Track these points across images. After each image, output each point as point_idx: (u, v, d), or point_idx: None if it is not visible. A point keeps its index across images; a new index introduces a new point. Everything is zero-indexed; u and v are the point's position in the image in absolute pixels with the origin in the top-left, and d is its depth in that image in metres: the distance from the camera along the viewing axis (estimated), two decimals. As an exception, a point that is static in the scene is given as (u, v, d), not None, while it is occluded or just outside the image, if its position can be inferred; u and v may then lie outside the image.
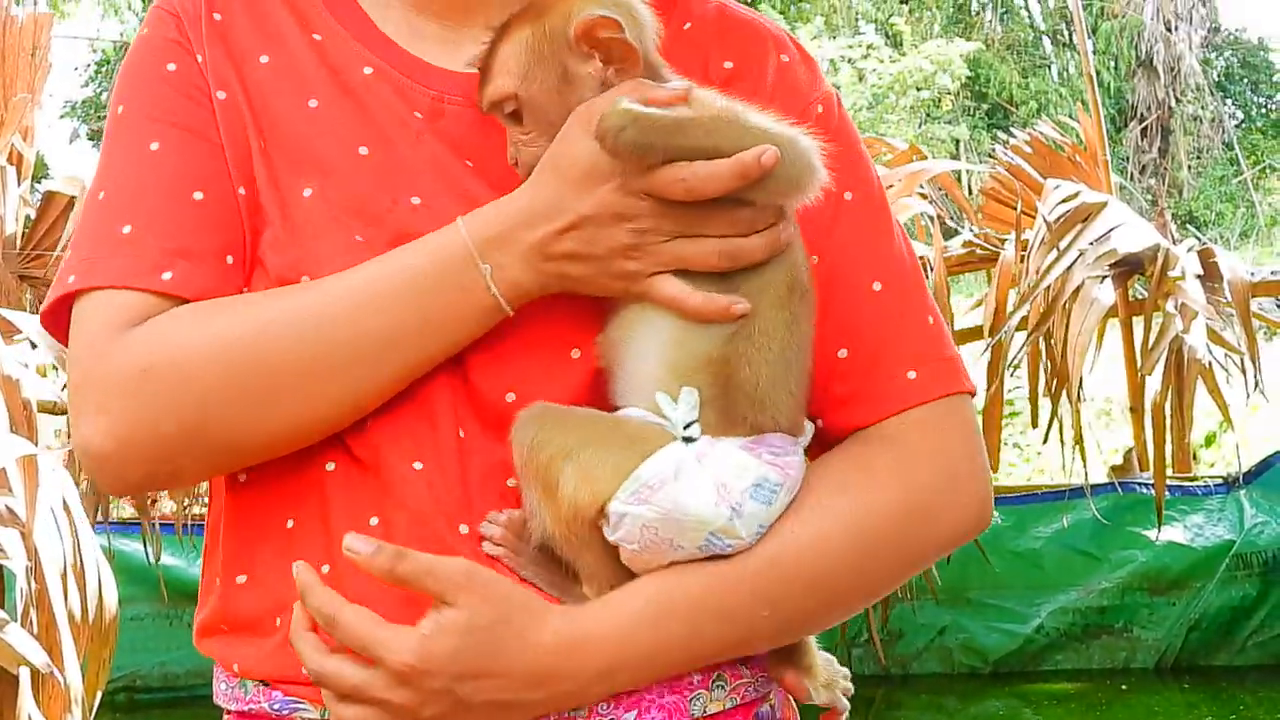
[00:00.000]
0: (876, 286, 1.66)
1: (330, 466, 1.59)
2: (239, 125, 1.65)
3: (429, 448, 1.57)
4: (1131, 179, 26.86)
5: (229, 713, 1.66)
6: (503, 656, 1.47)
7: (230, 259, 1.61)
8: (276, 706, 1.60)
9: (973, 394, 1.68)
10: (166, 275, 1.57)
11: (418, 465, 1.57)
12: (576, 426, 1.52)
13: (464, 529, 1.56)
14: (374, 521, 1.57)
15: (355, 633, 1.46)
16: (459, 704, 1.47)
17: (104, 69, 29.96)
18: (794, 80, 1.74)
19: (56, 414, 4.81)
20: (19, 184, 5.53)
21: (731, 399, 1.52)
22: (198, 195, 1.61)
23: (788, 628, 1.59)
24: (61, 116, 30.47)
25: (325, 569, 1.57)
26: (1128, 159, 28.14)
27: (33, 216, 5.69)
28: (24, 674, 3.41)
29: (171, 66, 1.67)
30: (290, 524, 1.61)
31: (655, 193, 1.49)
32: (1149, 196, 22.01)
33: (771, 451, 1.53)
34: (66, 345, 1.63)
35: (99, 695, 3.84)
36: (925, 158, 7.42)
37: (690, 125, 1.48)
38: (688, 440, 1.51)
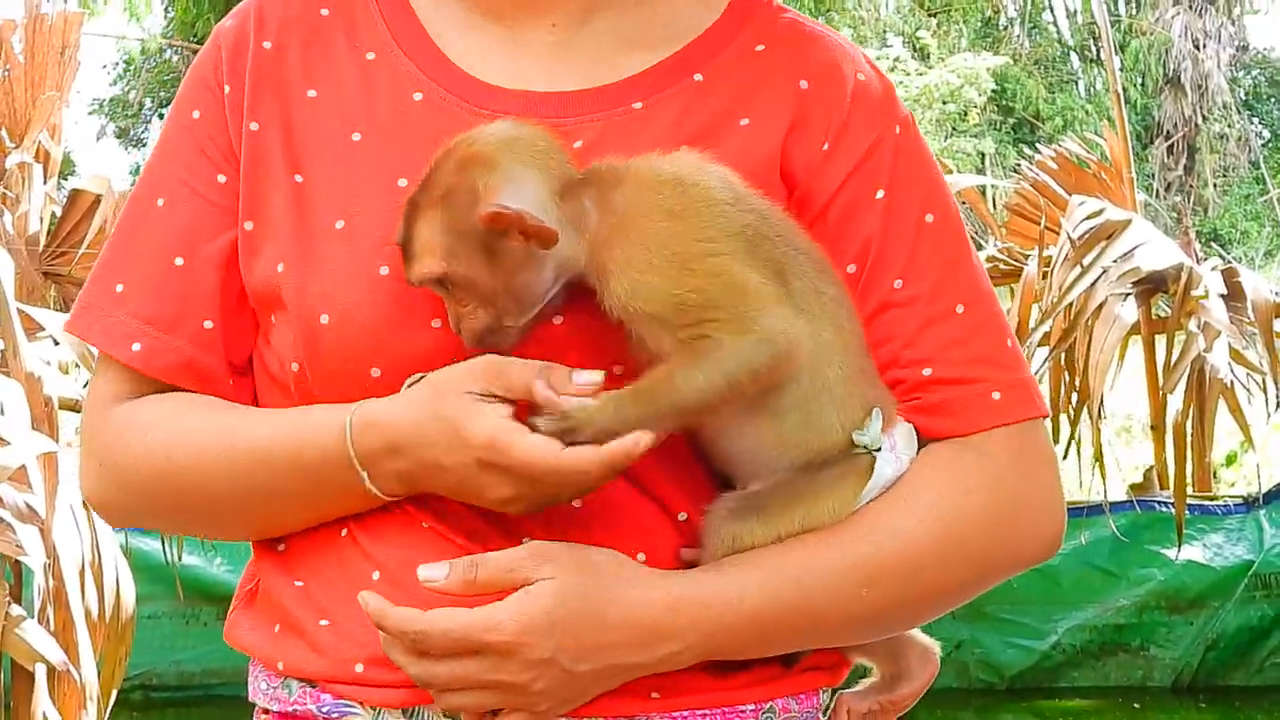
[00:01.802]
0: (960, 309, 1.67)
1: None
2: (265, 159, 1.68)
3: None
4: (1157, 196, 26.81)
5: (269, 713, 1.67)
6: (604, 616, 1.49)
7: (209, 324, 1.68)
8: (325, 709, 1.61)
9: (1047, 416, 1.72)
10: (135, 346, 1.67)
11: None
12: (779, 511, 1.58)
13: (526, 540, 1.57)
14: (425, 525, 1.59)
15: (446, 631, 1.47)
16: (566, 676, 1.48)
17: (131, 67, 30.09)
18: (872, 99, 1.73)
19: (78, 411, 4.81)
20: (45, 182, 5.55)
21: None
22: (179, 261, 1.68)
23: (880, 615, 1.61)
24: (89, 113, 30.61)
25: (376, 575, 1.60)
26: (1153, 176, 28.09)
27: (59, 214, 5.70)
28: (40, 671, 3.42)
29: (195, 114, 1.73)
30: (343, 533, 1.64)
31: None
32: (1174, 214, 21.96)
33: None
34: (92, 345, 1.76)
35: (115, 693, 3.85)
36: (951, 172, 7.42)
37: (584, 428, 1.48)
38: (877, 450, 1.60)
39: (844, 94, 1.71)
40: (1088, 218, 6.47)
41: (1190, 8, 28.95)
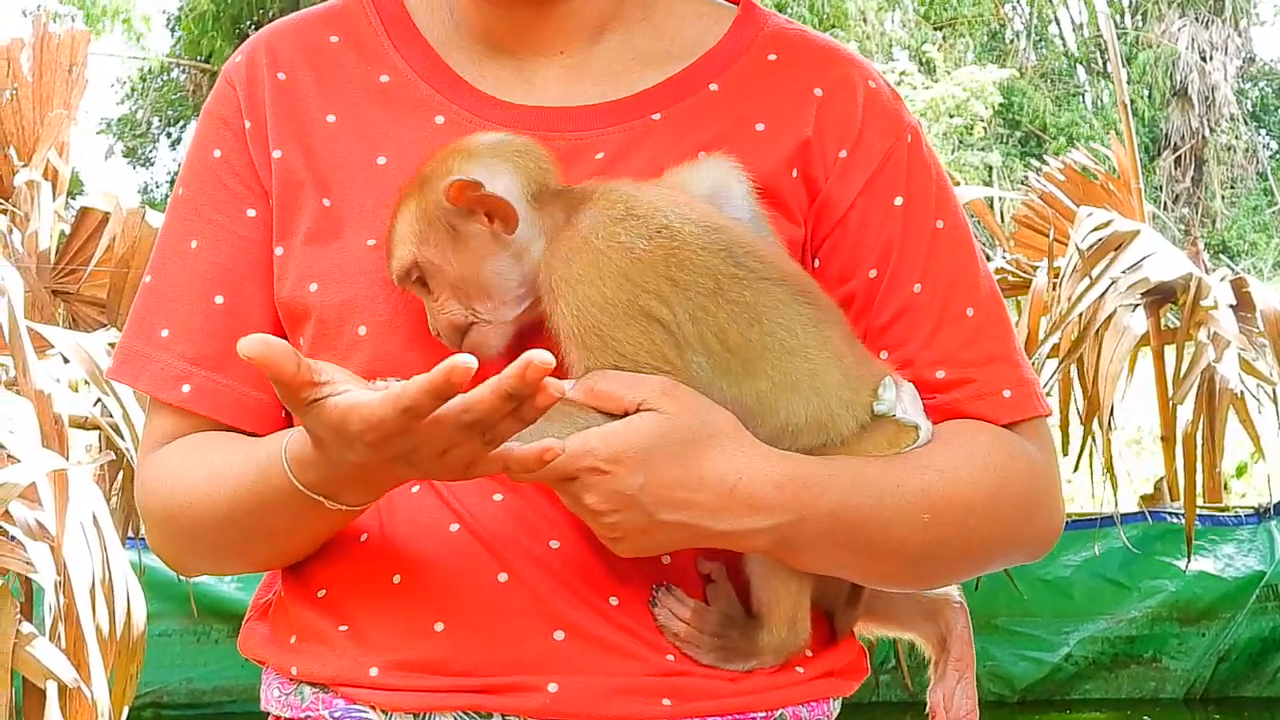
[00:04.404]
0: (970, 312, 1.71)
1: (415, 489, 1.63)
2: (293, 184, 1.71)
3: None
4: (1165, 208, 26.78)
5: None
6: (701, 473, 1.50)
7: None
8: (338, 714, 1.62)
9: (1050, 415, 1.76)
10: (185, 388, 1.70)
11: (497, 496, 1.61)
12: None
13: (555, 544, 1.60)
14: (454, 528, 1.61)
15: (539, 458, 1.45)
16: (645, 519, 1.49)
17: (139, 87, 30.16)
18: (883, 106, 1.77)
19: (88, 429, 4.82)
20: (54, 199, 5.56)
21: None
22: (219, 299, 1.71)
23: (927, 553, 1.63)
24: (98, 133, 30.67)
25: (396, 579, 1.62)
26: (1161, 188, 28.05)
27: (67, 232, 5.71)
28: (51, 688, 3.42)
29: (217, 153, 1.75)
30: (363, 538, 1.65)
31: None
32: (1182, 226, 21.95)
33: None
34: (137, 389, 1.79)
35: (126, 711, 3.84)
36: (958, 184, 7.42)
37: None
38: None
39: (857, 102, 1.75)
40: (1096, 229, 6.47)
41: (1197, 20, 28.95)
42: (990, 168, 23.40)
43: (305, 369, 1.39)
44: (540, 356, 1.32)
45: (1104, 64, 29.34)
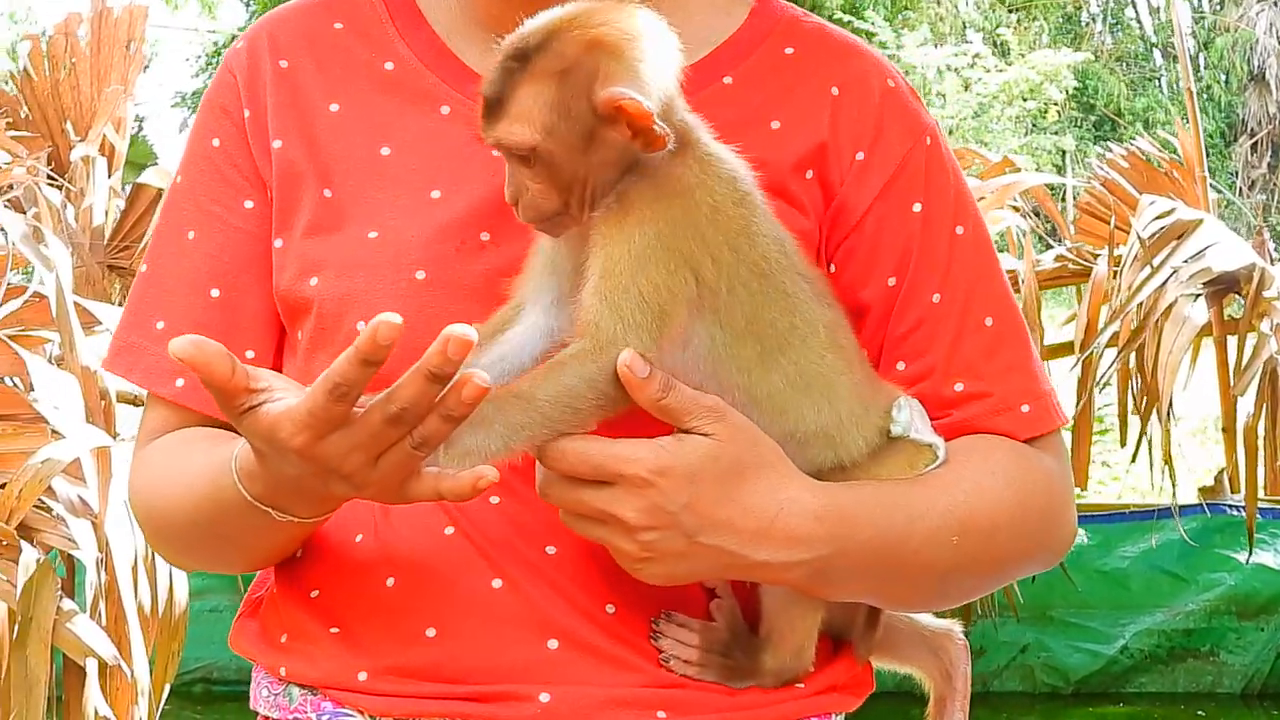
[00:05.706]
0: (989, 322, 1.68)
1: None
2: (293, 175, 1.68)
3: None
4: (1240, 194, 26.53)
5: None
6: (745, 499, 1.47)
7: (251, 353, 1.68)
8: (325, 717, 1.60)
9: (1066, 425, 1.74)
10: (179, 383, 1.67)
11: (494, 499, 1.59)
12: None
13: (551, 550, 1.58)
14: (449, 531, 1.59)
15: (583, 452, 1.44)
16: (681, 540, 1.46)
17: (213, 61, 30.38)
18: (902, 106, 1.73)
19: (137, 406, 4.84)
20: (110, 175, 5.59)
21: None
22: (215, 293, 1.68)
23: (954, 572, 1.62)
24: (173, 106, 30.92)
25: (389, 582, 1.60)
26: (1237, 174, 27.80)
27: (122, 207, 5.74)
28: (91, 666, 3.43)
29: (215, 142, 1.73)
30: (358, 538, 1.63)
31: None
32: (1258, 212, 21.72)
33: None
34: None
35: (167, 688, 3.86)
36: (1018, 170, 7.35)
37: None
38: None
39: (874, 102, 1.71)
40: (1158, 217, 6.40)
41: (1275, 4, 28.63)
42: (1064, 152, 23.23)
43: (241, 374, 1.34)
44: (461, 330, 1.27)
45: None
